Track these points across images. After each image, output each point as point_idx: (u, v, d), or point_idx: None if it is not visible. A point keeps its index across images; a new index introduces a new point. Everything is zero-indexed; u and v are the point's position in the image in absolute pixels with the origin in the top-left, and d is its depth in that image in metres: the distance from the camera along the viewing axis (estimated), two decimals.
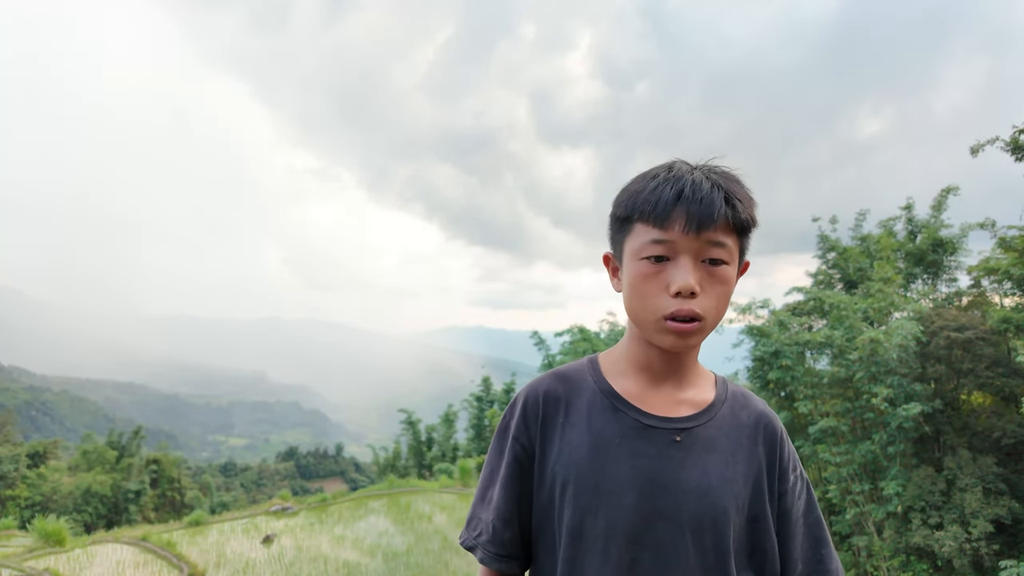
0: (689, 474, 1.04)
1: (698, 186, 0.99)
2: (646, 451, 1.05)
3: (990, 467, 11.27)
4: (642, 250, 1.01)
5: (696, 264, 0.99)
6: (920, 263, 14.95)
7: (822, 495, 14.12)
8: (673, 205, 0.98)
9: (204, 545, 11.54)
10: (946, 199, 14.73)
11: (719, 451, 1.08)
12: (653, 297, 1.00)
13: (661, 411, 1.08)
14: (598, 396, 1.11)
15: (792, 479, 1.15)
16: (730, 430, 1.11)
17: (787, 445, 1.16)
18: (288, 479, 62.19)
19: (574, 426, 1.10)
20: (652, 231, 1.00)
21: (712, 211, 0.97)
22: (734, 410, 1.13)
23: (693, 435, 1.07)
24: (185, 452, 76.64)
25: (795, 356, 13.58)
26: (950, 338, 11.93)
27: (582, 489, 1.05)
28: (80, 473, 31.53)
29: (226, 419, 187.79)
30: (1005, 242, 12.47)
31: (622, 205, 1.05)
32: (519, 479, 1.13)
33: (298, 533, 12.41)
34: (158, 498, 32.93)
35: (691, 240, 0.98)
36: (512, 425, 1.15)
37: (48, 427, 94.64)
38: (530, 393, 1.15)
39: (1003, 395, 12.33)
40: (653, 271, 1.00)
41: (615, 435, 1.07)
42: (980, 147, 11.25)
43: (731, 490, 1.06)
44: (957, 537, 10.56)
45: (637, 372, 1.12)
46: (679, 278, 0.97)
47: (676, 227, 0.98)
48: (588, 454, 1.06)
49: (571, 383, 1.14)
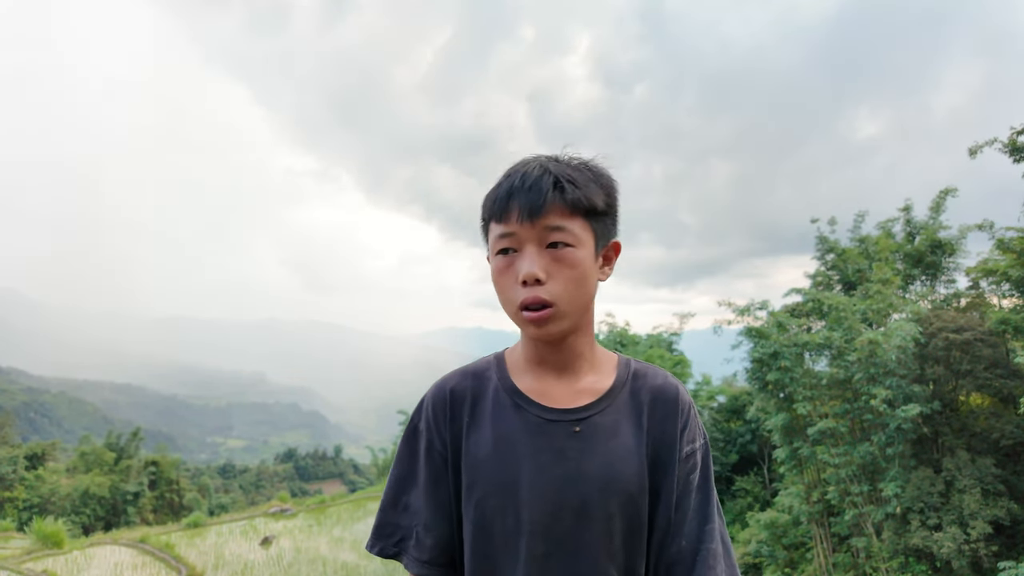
0: (590, 463, 1.05)
1: (528, 176, 1.02)
2: (548, 446, 1.06)
3: (989, 468, 11.27)
4: (494, 246, 1.05)
5: (540, 251, 1.01)
6: (919, 264, 14.97)
7: (821, 496, 14.12)
8: (507, 198, 1.02)
9: (203, 547, 11.52)
10: (944, 200, 14.75)
11: (620, 435, 1.08)
12: (508, 290, 1.04)
13: (561, 403, 1.09)
14: (501, 394, 1.11)
15: (688, 450, 1.13)
16: (630, 412, 1.11)
17: (685, 415, 1.13)
18: (287, 481, 62.06)
19: (479, 426, 1.10)
20: (497, 226, 1.04)
21: (540, 197, 0.99)
22: (633, 389, 1.13)
23: (592, 424, 1.07)
24: (184, 454, 76.50)
25: (794, 357, 13.58)
26: (949, 339, 11.94)
27: (487, 489, 1.05)
28: (78, 475, 31.47)
29: (225, 421, 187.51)
30: (1003, 244, 12.48)
31: (482, 209, 1.09)
32: (439, 483, 1.11)
33: (297, 535, 12.40)
34: (156, 500, 32.86)
35: (528, 228, 1.00)
36: (422, 426, 1.14)
37: (46, 429, 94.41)
38: (437, 393, 1.14)
39: (1002, 396, 12.33)
40: (505, 264, 1.04)
41: (518, 432, 1.07)
42: (978, 148, 11.27)
43: (635, 472, 1.06)
44: (956, 538, 10.56)
45: (534, 367, 1.12)
46: (524, 267, 1.00)
47: (513, 218, 1.01)
48: (492, 454, 1.06)
49: (477, 380, 1.14)
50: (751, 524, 16.92)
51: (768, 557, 15.60)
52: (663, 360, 23.06)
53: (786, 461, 14.87)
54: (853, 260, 15.34)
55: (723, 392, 24.09)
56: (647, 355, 23.17)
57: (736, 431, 22.23)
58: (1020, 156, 10.99)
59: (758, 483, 20.41)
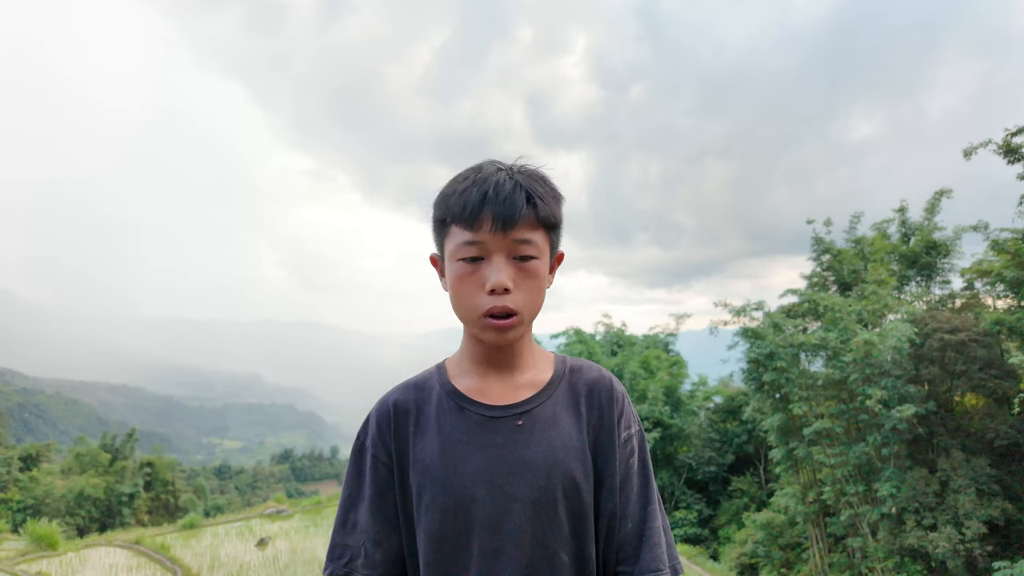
0: (534, 452, 1.09)
1: (502, 187, 1.05)
2: (493, 441, 1.10)
3: (983, 468, 11.31)
4: (457, 252, 1.07)
5: (508, 261, 1.06)
6: (914, 265, 15.03)
7: (816, 496, 14.15)
8: (480, 207, 1.04)
9: (198, 548, 11.49)
10: (939, 202, 14.82)
11: (561, 425, 1.13)
12: (471, 296, 1.07)
13: (503, 400, 1.14)
14: (444, 398, 1.15)
15: (625, 436, 1.18)
16: (568, 403, 1.16)
17: (620, 403, 1.19)
18: (283, 482, 61.95)
19: (424, 433, 1.13)
20: (464, 233, 1.06)
21: (515, 211, 1.04)
22: (571, 383, 1.19)
23: (533, 416, 1.13)
24: (179, 455, 76.26)
25: (790, 358, 13.62)
26: (943, 340, 11.98)
27: (437, 492, 1.08)
28: (73, 476, 31.36)
29: (221, 421, 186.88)
30: (998, 244, 12.53)
31: (438, 207, 1.11)
32: (385, 498, 1.14)
33: (293, 536, 12.37)
34: (152, 501, 32.75)
35: (500, 239, 1.05)
36: (368, 443, 1.17)
37: (41, 430, 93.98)
38: (380, 408, 1.18)
39: (996, 397, 12.39)
40: (469, 271, 1.07)
41: (463, 433, 1.11)
42: (973, 150, 11.32)
43: (577, 458, 1.11)
44: (951, 538, 10.60)
45: (476, 367, 1.17)
46: (492, 276, 1.04)
47: (485, 227, 1.04)
48: (439, 457, 1.10)
49: (420, 391, 1.18)
50: (747, 524, 16.94)
51: (764, 557, 15.62)
52: (659, 360, 23.09)
53: (782, 461, 14.91)
54: (849, 261, 15.38)
55: (719, 392, 24.13)
56: (644, 356, 23.18)
57: (732, 431, 22.26)
58: (1014, 158, 11.04)
59: (754, 483, 20.44)
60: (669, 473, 21.41)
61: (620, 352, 23.67)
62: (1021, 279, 11.77)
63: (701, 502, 20.80)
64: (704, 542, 19.12)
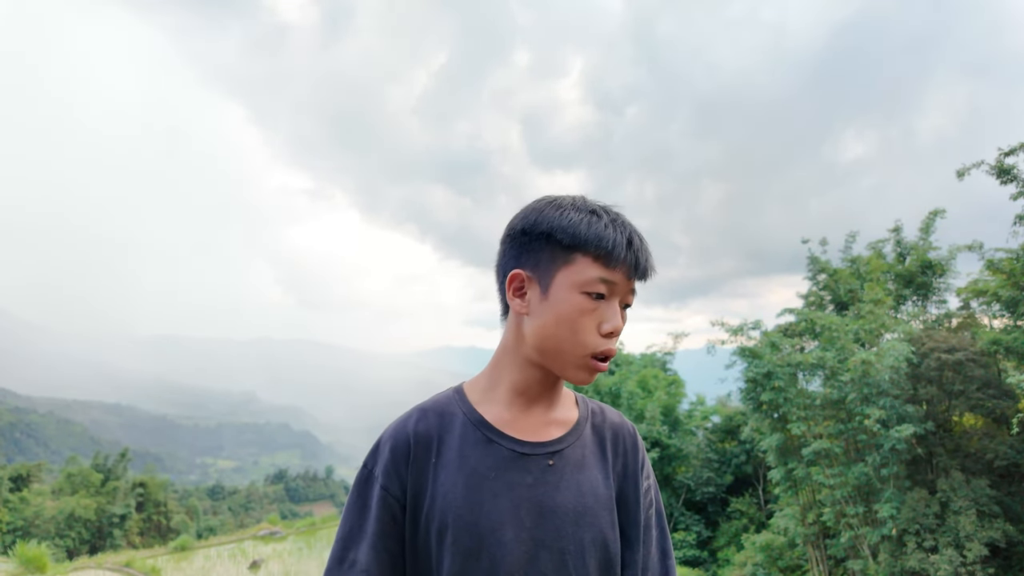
0: (564, 497, 1.05)
1: (640, 238, 1.07)
2: (522, 480, 1.04)
3: (983, 489, 11.24)
4: (586, 285, 1.02)
5: (619, 307, 1.06)
6: (910, 285, 15.08)
7: (816, 518, 14.02)
8: (625, 250, 1.03)
9: (190, 571, 11.31)
10: (934, 221, 14.92)
11: (587, 468, 1.10)
12: (586, 333, 1.03)
13: (533, 436, 1.09)
14: (470, 428, 1.08)
15: (646, 486, 1.16)
16: (594, 446, 1.13)
17: (641, 452, 1.18)
18: (277, 502, 61.19)
19: (446, 465, 1.05)
20: (600, 269, 1.03)
21: (648, 266, 1.06)
22: (595, 425, 1.16)
23: (564, 456, 1.08)
24: (172, 475, 75.42)
25: (787, 377, 13.58)
26: (941, 359, 11.98)
27: (461, 533, 1.01)
28: (64, 497, 30.91)
29: (215, 441, 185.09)
30: (993, 264, 12.60)
31: (564, 233, 1.03)
32: (390, 535, 1.04)
33: (286, 558, 12.19)
34: (144, 522, 32.29)
35: (626, 286, 1.05)
36: (379, 473, 1.06)
37: (32, 449, 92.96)
38: (398, 434, 1.08)
39: (994, 416, 12.36)
40: (591, 307, 1.03)
41: (490, 469, 1.04)
42: (966, 171, 11.43)
43: (605, 507, 1.08)
44: (952, 561, 10.49)
45: (512, 398, 1.10)
46: (613, 320, 1.03)
47: (621, 271, 1.03)
48: (464, 494, 1.02)
49: (441, 418, 1.10)
50: (746, 546, 16.75)
51: None
52: (657, 379, 23.00)
53: (781, 482, 14.80)
54: (845, 280, 15.44)
55: (717, 412, 24.02)
56: (641, 375, 23.10)
57: (731, 451, 22.12)
58: (1007, 178, 11.15)
59: (753, 504, 20.26)
60: (667, 494, 21.21)
61: (618, 371, 23.60)
62: (1017, 299, 11.82)
63: (700, 523, 20.59)
64: (703, 564, 18.90)
